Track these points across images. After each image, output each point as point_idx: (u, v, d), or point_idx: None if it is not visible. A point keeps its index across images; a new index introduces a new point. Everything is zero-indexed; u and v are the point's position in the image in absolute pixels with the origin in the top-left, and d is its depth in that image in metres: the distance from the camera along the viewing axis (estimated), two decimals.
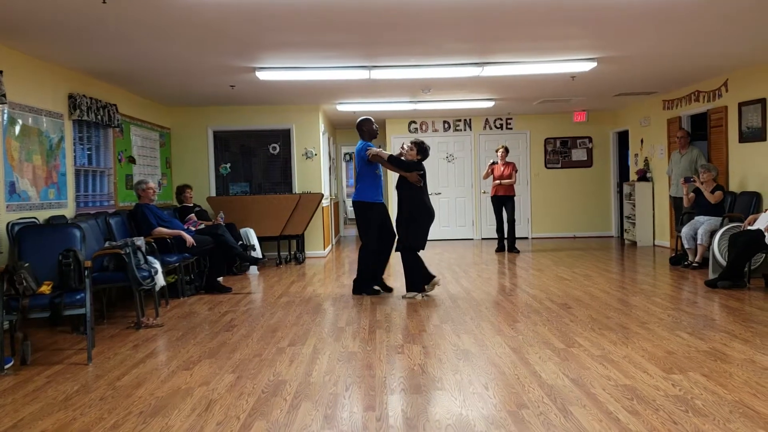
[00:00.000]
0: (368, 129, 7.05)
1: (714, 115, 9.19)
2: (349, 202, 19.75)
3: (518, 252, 10.74)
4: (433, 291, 6.95)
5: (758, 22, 5.99)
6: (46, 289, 4.61)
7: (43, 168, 6.52)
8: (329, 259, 10.61)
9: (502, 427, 3.16)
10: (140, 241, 6.14)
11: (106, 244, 6.04)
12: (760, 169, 8.15)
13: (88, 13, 5.08)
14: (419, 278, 6.77)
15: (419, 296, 6.73)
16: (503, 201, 10.71)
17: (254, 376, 4.14)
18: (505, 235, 10.89)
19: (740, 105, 8.50)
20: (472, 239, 13.32)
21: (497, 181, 10.68)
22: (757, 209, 7.79)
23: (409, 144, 6.94)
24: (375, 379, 4.00)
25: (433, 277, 6.87)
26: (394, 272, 8.52)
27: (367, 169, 6.88)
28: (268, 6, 5.05)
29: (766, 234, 6.58)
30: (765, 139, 8.02)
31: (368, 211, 6.91)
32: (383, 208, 7.05)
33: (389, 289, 7.19)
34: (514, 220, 10.77)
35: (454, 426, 3.20)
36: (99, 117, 7.60)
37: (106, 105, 7.83)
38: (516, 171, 10.88)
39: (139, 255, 5.96)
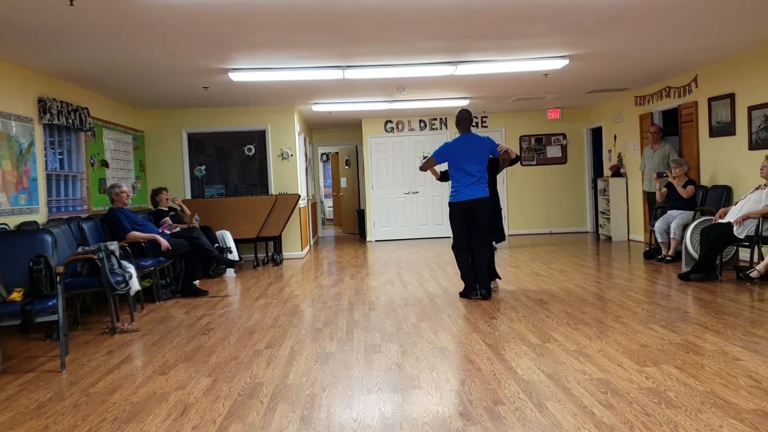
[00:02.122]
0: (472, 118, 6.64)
1: (684, 111, 9.31)
2: (327, 203, 19.70)
3: (495, 248, 10.73)
4: (414, 289, 6.94)
5: (724, 17, 6.08)
6: (16, 296, 4.54)
7: (13, 173, 6.42)
8: (307, 260, 10.59)
9: (478, 424, 3.17)
10: (114, 246, 6.08)
11: (79, 249, 5.97)
12: (730, 163, 8.27)
13: (55, 14, 5.01)
14: None
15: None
16: None
17: (230, 379, 4.11)
18: None
19: (710, 100, 8.63)
20: (449, 237, 13.34)
21: None
22: (728, 202, 7.91)
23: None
24: (352, 379, 4.00)
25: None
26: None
27: (485, 162, 6.48)
28: (239, 6, 5.02)
29: (735, 227, 6.68)
30: (734, 134, 8.15)
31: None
32: None
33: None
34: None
35: (431, 423, 3.21)
36: (70, 121, 7.50)
37: (77, 108, 7.74)
38: None
39: (113, 260, 5.90)
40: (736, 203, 7.06)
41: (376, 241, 13.34)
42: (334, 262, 10.19)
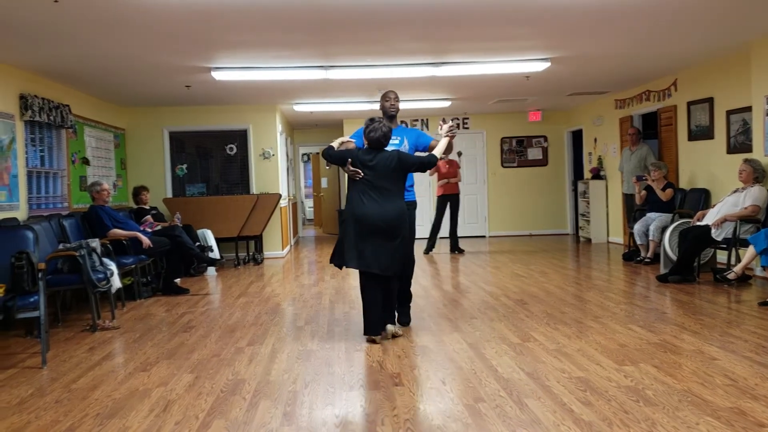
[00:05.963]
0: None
1: (664, 114, 9.44)
2: (308, 203, 19.65)
3: (462, 252, 10.61)
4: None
5: (703, 22, 6.18)
6: None
7: None
8: (288, 260, 10.58)
9: (459, 421, 3.21)
10: (95, 243, 6.04)
11: (60, 246, 5.94)
12: (708, 166, 8.40)
13: (39, 12, 4.98)
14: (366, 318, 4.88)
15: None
16: (450, 199, 10.53)
17: (213, 375, 4.12)
18: (447, 235, 10.76)
19: (689, 104, 8.75)
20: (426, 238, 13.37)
21: (444, 180, 10.50)
22: (706, 205, 8.02)
23: None
24: (334, 377, 4.02)
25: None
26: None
27: None
28: (223, 5, 5.02)
29: (713, 229, 6.79)
30: (713, 137, 8.27)
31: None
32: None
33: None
34: (457, 219, 10.70)
35: (412, 420, 3.24)
36: (51, 118, 7.44)
37: (59, 105, 7.67)
38: (459, 168, 10.90)
39: (94, 257, 5.86)
40: (714, 206, 7.17)
41: None
42: (315, 262, 10.19)
